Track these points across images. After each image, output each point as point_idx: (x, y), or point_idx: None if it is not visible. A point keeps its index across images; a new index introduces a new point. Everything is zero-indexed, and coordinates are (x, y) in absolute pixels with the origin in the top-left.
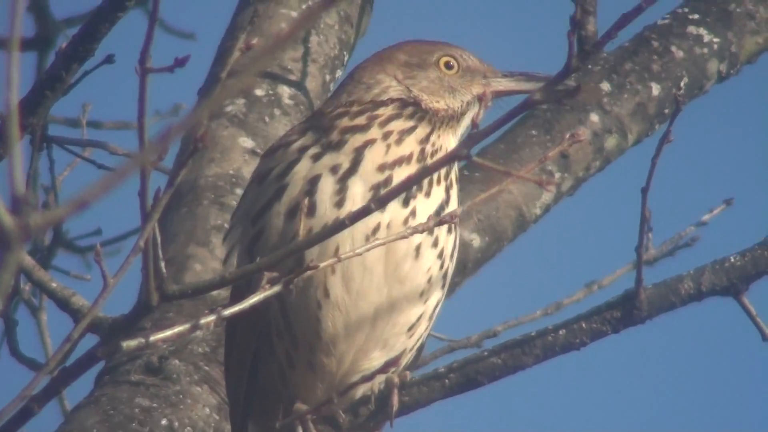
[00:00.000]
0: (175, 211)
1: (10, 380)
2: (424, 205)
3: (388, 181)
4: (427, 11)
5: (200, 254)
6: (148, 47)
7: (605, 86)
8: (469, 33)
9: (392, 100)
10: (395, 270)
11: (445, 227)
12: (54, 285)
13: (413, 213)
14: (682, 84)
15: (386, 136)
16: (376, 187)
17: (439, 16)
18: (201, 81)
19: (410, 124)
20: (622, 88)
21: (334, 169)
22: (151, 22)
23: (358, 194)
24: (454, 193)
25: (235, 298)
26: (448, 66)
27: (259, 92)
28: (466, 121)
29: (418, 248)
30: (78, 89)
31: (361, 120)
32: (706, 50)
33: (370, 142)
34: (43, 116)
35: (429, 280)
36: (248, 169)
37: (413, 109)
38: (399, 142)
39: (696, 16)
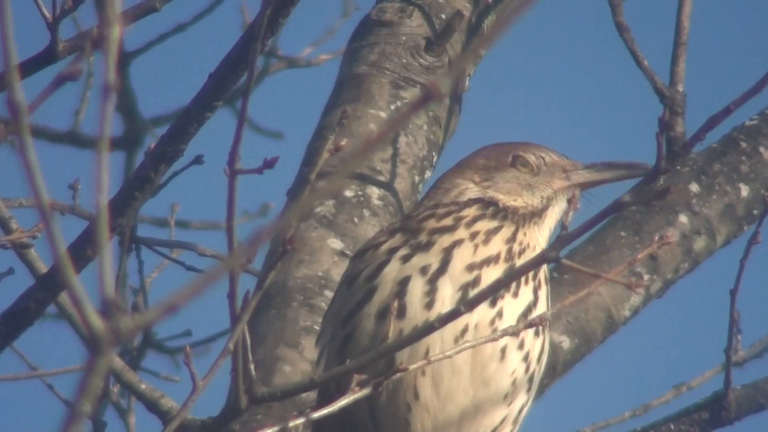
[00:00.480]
0: (264, 312)
1: None
2: (512, 306)
3: (477, 281)
4: (516, 110)
5: (289, 356)
6: (237, 148)
7: (694, 187)
8: (558, 131)
9: (472, 201)
10: (481, 371)
11: (532, 330)
12: (143, 387)
13: (500, 314)
14: None
15: (473, 236)
16: (464, 288)
17: (528, 115)
18: (289, 181)
19: (495, 224)
20: (711, 189)
21: (423, 270)
22: (240, 123)
23: (447, 295)
24: (543, 293)
25: (323, 400)
26: (525, 164)
27: (348, 193)
28: (551, 218)
29: (503, 350)
30: (166, 189)
31: (447, 221)
32: None
33: (458, 243)
34: (131, 217)
35: (513, 383)
36: (337, 270)
37: (494, 209)
38: (486, 242)
39: None
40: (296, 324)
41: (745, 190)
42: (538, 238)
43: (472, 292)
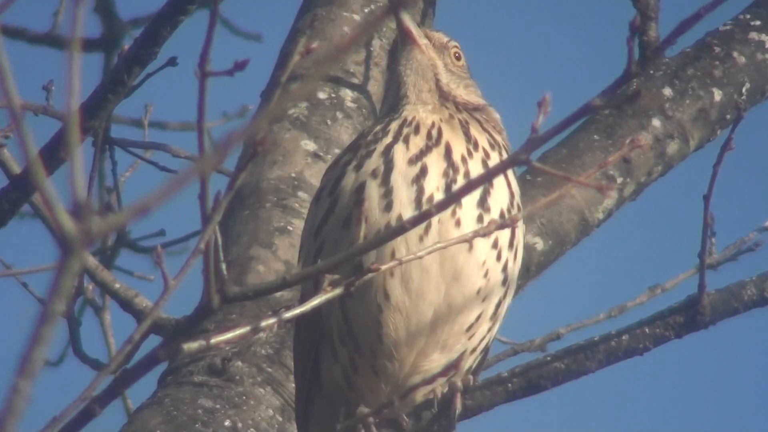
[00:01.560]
0: (238, 213)
1: (74, 380)
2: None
3: (423, 170)
4: (488, 14)
5: (263, 256)
6: (208, 51)
7: (667, 92)
8: (530, 36)
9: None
10: (451, 265)
11: (497, 214)
12: (117, 286)
13: (459, 203)
14: (743, 89)
15: (396, 137)
16: (416, 180)
17: (499, 19)
18: (267, 82)
19: (397, 122)
20: (684, 93)
21: (374, 174)
22: (211, 25)
23: (403, 193)
24: (499, 177)
25: (303, 302)
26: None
27: (321, 95)
28: (416, 83)
29: (470, 240)
30: (143, 90)
31: (374, 135)
32: (767, 56)
33: (390, 146)
34: (105, 119)
35: (486, 275)
36: (310, 171)
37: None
38: (406, 137)
39: (758, 23)
40: (270, 224)
41: (718, 95)
42: (419, 111)
43: (425, 182)
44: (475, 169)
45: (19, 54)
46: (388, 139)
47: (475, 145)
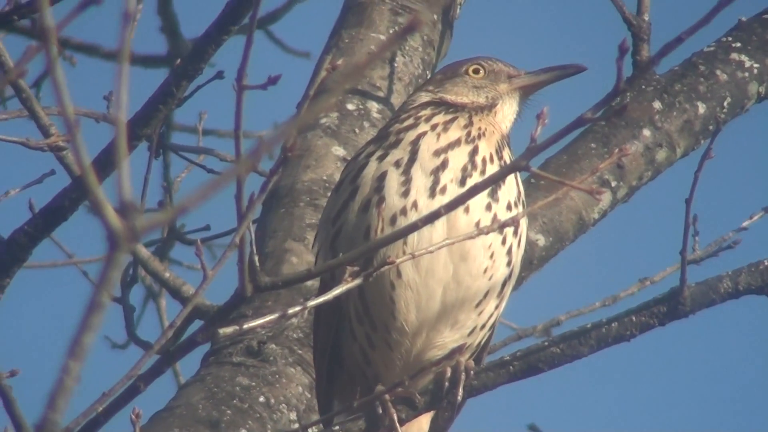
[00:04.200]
0: (275, 211)
1: (130, 361)
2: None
3: (444, 164)
4: (499, 37)
5: (296, 249)
6: (245, 67)
7: (657, 105)
8: (544, 54)
9: (426, 104)
10: (459, 247)
11: (505, 206)
12: (167, 275)
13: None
14: (725, 103)
15: (434, 127)
16: (435, 171)
17: (514, 38)
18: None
19: (450, 116)
20: (672, 106)
21: (397, 164)
22: (247, 45)
23: (420, 182)
24: (510, 176)
25: (323, 290)
26: (475, 72)
27: (350, 107)
28: (501, 113)
29: (477, 225)
30: (201, 100)
31: (409, 121)
32: (747, 74)
33: (421, 135)
34: (157, 127)
35: (491, 256)
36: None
37: (446, 106)
38: (446, 130)
39: (738, 45)
40: (302, 221)
41: (702, 108)
42: (493, 124)
43: (442, 174)
44: (492, 171)
45: (93, 68)
46: (424, 128)
47: (499, 156)
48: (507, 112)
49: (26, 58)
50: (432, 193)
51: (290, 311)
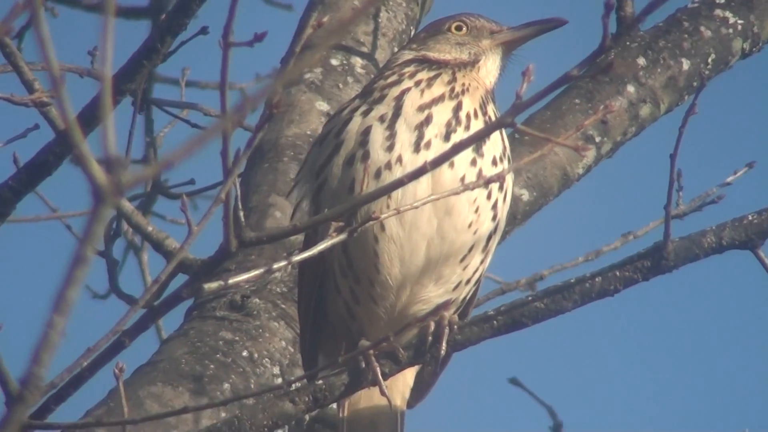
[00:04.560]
0: (259, 166)
1: (117, 313)
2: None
3: (428, 119)
4: None
5: (280, 203)
6: (231, 24)
7: (641, 61)
8: (529, 10)
9: (409, 61)
10: (443, 201)
11: (490, 161)
12: (150, 229)
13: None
14: (709, 60)
15: (418, 83)
16: (419, 126)
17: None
18: (287, 50)
19: (434, 72)
20: (656, 62)
21: (381, 118)
22: (233, 2)
23: (404, 136)
24: (495, 132)
25: (307, 244)
26: (458, 29)
27: (334, 62)
28: (484, 68)
29: (462, 180)
30: (184, 54)
31: (393, 78)
32: (731, 30)
33: (405, 91)
34: (141, 82)
35: (476, 210)
36: None
37: (429, 63)
38: (429, 86)
39: (722, 1)
40: (287, 176)
41: (686, 64)
42: (477, 80)
43: (426, 129)
44: (477, 127)
45: (76, 20)
46: (408, 84)
47: (484, 111)
48: (490, 67)
49: (12, 16)
50: (416, 148)
51: (275, 266)
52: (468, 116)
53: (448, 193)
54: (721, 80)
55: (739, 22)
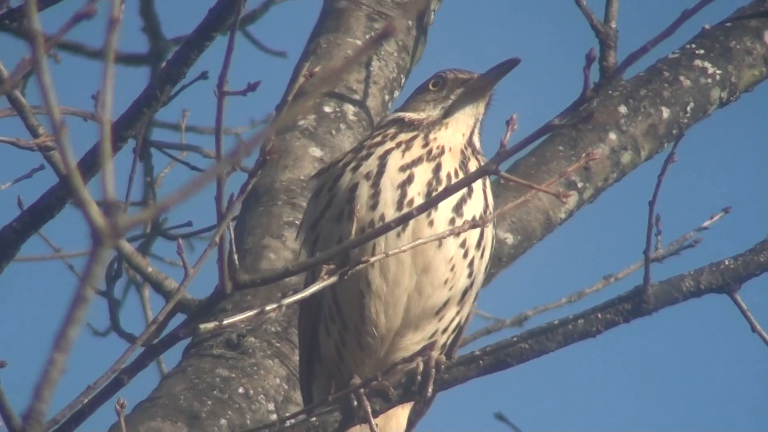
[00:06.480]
0: (254, 209)
1: (118, 351)
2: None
3: (411, 178)
4: (475, 40)
5: (274, 245)
6: (225, 73)
7: (623, 109)
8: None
9: (390, 122)
10: (422, 258)
11: (469, 218)
12: (150, 270)
13: (435, 206)
14: (688, 108)
15: (398, 145)
16: (402, 185)
17: (485, 44)
18: (282, 98)
19: (411, 134)
20: (637, 111)
21: (367, 176)
22: (228, 52)
23: (388, 195)
24: (478, 185)
25: (306, 286)
26: (435, 85)
27: (327, 109)
28: (457, 121)
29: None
30: (186, 100)
31: (378, 138)
32: (710, 80)
33: (388, 151)
34: (141, 128)
35: (452, 268)
36: None
37: (405, 125)
38: (408, 148)
39: (702, 51)
40: (280, 219)
41: (666, 113)
42: (449, 139)
43: (409, 188)
44: None
45: (80, 67)
46: (390, 145)
47: (465, 170)
48: (462, 118)
49: (20, 71)
50: (399, 206)
51: (267, 308)
52: (449, 176)
53: (435, 237)
54: (699, 128)
55: (718, 72)
